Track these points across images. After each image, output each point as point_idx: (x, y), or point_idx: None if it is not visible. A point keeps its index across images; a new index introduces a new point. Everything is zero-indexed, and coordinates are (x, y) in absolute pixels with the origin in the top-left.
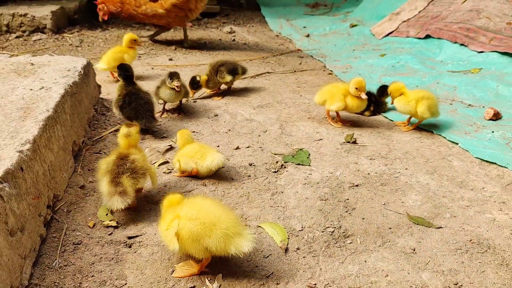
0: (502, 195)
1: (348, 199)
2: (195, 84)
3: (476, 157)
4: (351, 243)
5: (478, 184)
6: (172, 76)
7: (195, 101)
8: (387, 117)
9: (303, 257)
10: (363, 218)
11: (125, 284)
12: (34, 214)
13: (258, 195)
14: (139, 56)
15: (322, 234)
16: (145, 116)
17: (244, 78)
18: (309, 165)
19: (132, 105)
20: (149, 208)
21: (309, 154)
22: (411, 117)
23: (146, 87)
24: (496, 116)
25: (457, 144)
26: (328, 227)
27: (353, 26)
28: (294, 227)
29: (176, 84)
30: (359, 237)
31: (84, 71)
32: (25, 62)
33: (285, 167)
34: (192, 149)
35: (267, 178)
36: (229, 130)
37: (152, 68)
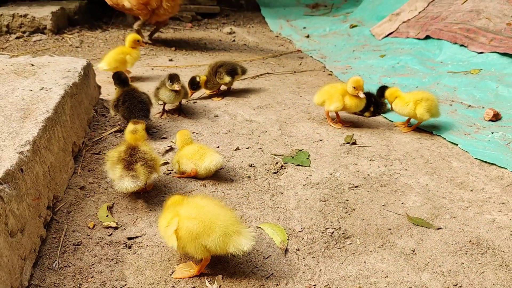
0: (501, 196)
1: (347, 200)
2: (194, 84)
3: (476, 158)
4: (350, 244)
5: (478, 185)
6: (173, 79)
7: (195, 102)
8: (386, 118)
9: (303, 258)
10: (363, 219)
11: (125, 285)
12: (34, 215)
13: (258, 196)
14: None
15: (322, 235)
16: (138, 116)
17: (244, 79)
18: (309, 166)
19: (126, 104)
20: (149, 209)
21: (309, 155)
22: (411, 118)
23: (146, 88)
24: (496, 117)
25: (457, 145)
26: (328, 228)
27: (353, 27)
28: (294, 228)
29: (177, 88)
30: (358, 238)
31: (84, 72)
32: (25, 63)
33: (285, 168)
34: (191, 150)
35: (267, 179)
36: (229, 131)
37: (152, 69)
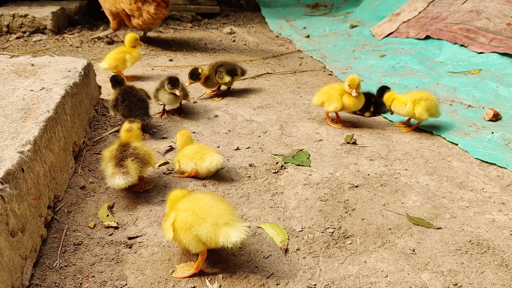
0: (501, 196)
1: (348, 200)
2: (195, 75)
3: (476, 158)
4: (351, 243)
5: (478, 185)
6: (173, 83)
7: (195, 102)
8: (387, 118)
9: (303, 257)
10: (363, 219)
11: (126, 284)
12: (35, 214)
13: (258, 196)
14: None
15: (322, 235)
16: (138, 114)
17: (245, 79)
18: (309, 166)
19: (125, 103)
20: (149, 209)
21: (309, 155)
22: (411, 118)
23: (146, 88)
24: (496, 117)
25: (457, 145)
26: (328, 227)
27: (353, 27)
28: (294, 228)
29: (178, 94)
30: (359, 238)
31: (84, 72)
32: (26, 63)
33: (285, 168)
34: (192, 150)
35: (267, 178)
36: (229, 130)
37: (153, 69)
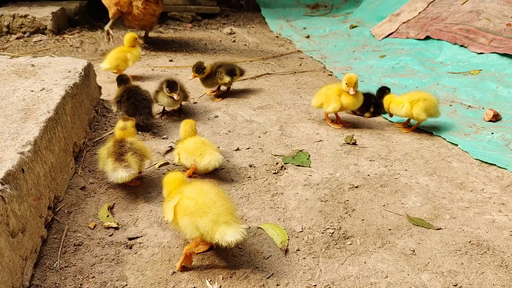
0: (501, 197)
1: (348, 201)
2: (200, 69)
3: (476, 159)
4: (351, 244)
5: (478, 186)
6: (171, 87)
7: (195, 103)
8: (386, 119)
9: (303, 258)
10: (363, 220)
11: (126, 285)
12: (35, 215)
13: (258, 196)
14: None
15: (322, 235)
16: (143, 113)
17: (245, 79)
18: (309, 166)
19: (130, 100)
20: (149, 210)
21: (309, 155)
22: (410, 118)
23: (146, 88)
24: (496, 118)
25: (457, 145)
26: (328, 228)
27: (353, 27)
28: (294, 228)
29: (176, 98)
30: (359, 239)
31: (84, 73)
32: (26, 64)
33: (285, 168)
34: (193, 145)
35: (267, 179)
36: (229, 131)
37: (153, 69)
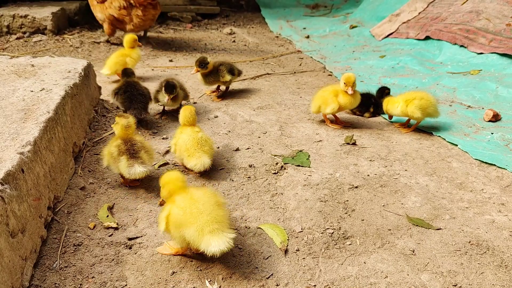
0: (501, 197)
1: (347, 201)
2: (203, 63)
3: (476, 159)
4: (350, 244)
5: (477, 186)
6: (168, 90)
7: (195, 103)
8: (386, 119)
9: (303, 258)
10: (363, 220)
11: (126, 285)
12: (35, 215)
13: (258, 197)
14: None
15: (322, 236)
16: (137, 107)
17: (244, 79)
18: (309, 167)
19: (126, 94)
20: (149, 210)
21: (309, 156)
22: (409, 118)
23: None
24: (496, 118)
25: (457, 145)
26: (328, 228)
27: (353, 27)
28: (293, 229)
29: (166, 101)
30: (358, 239)
31: (84, 73)
32: (26, 64)
33: (285, 169)
34: (186, 142)
35: (267, 179)
36: (229, 131)
37: (153, 70)
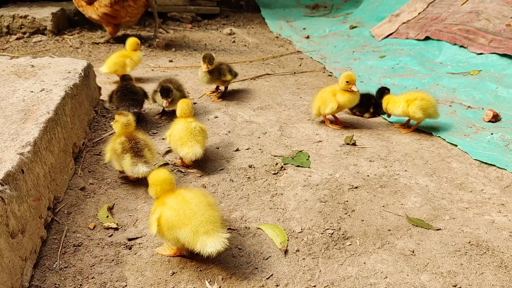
0: (501, 197)
1: (347, 201)
2: (212, 59)
3: (475, 159)
4: (350, 245)
5: (477, 186)
6: (163, 94)
7: (195, 103)
8: (386, 119)
9: (303, 259)
10: (363, 220)
11: (126, 285)
12: (35, 216)
13: (257, 197)
14: None
15: (322, 236)
16: (127, 104)
17: (244, 80)
18: (309, 167)
19: (118, 94)
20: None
21: (309, 156)
22: (410, 119)
23: (146, 89)
24: (495, 118)
25: (456, 146)
26: (328, 229)
27: (353, 28)
28: (293, 229)
29: (165, 105)
30: (358, 239)
31: (84, 73)
32: (26, 64)
33: (284, 169)
34: (180, 132)
35: (266, 180)
36: (229, 131)
37: (152, 70)
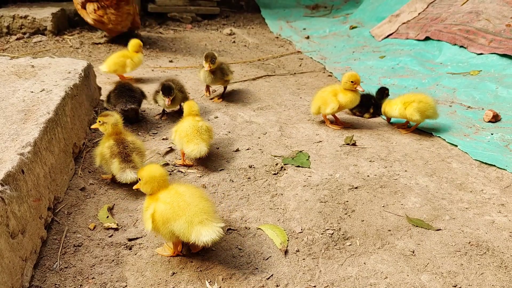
0: (501, 197)
1: (347, 201)
2: (214, 59)
3: (475, 159)
4: (350, 245)
5: (477, 186)
6: (165, 92)
7: None
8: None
9: (303, 259)
10: (363, 220)
11: (126, 286)
12: (35, 216)
13: (258, 197)
14: None
15: (322, 236)
16: (125, 96)
17: (244, 80)
18: (309, 167)
19: (115, 92)
20: None
21: (309, 156)
22: (405, 119)
23: (146, 89)
24: (495, 118)
25: (457, 146)
26: (328, 229)
27: (353, 28)
28: (293, 229)
29: (167, 103)
30: (358, 239)
31: (84, 73)
32: (26, 64)
33: (285, 169)
34: (187, 129)
35: (267, 180)
36: (229, 132)
37: (152, 70)
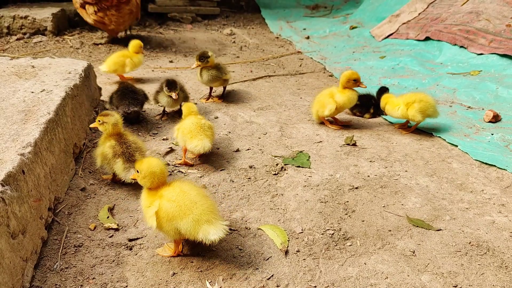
0: (501, 198)
1: (348, 202)
2: (203, 57)
3: (476, 160)
4: (351, 245)
5: (478, 187)
6: (171, 86)
7: (195, 104)
8: (386, 120)
9: (303, 259)
10: (363, 221)
11: (126, 286)
12: (36, 216)
13: (258, 198)
14: None
15: (322, 237)
16: (128, 98)
17: (245, 81)
18: (309, 168)
19: (118, 93)
20: None
21: (309, 157)
22: (406, 120)
23: (146, 90)
24: (496, 118)
25: (457, 146)
26: (328, 229)
27: (353, 28)
28: (294, 230)
29: (174, 97)
30: (359, 240)
31: (85, 74)
32: (26, 65)
33: (285, 170)
34: (190, 126)
35: (267, 180)
36: (229, 132)
37: (153, 71)
